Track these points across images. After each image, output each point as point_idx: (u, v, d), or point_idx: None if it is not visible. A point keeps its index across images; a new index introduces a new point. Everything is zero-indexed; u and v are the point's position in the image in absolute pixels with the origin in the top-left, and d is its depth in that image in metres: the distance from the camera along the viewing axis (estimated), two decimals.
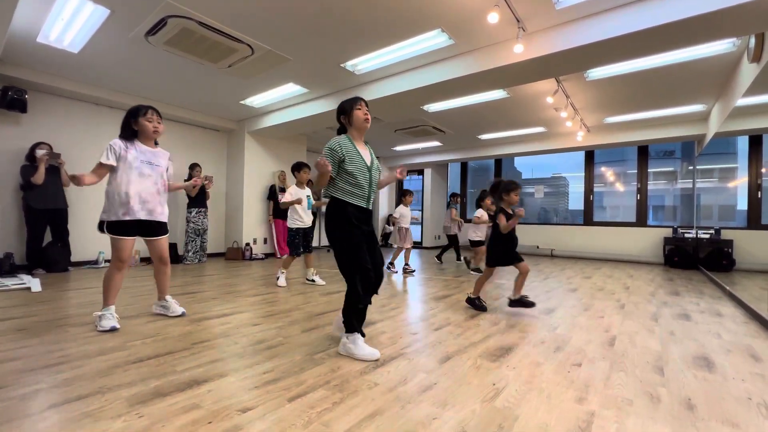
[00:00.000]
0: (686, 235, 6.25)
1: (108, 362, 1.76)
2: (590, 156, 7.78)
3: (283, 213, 3.99)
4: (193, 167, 5.67)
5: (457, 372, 1.73)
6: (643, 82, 4.43)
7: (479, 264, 5.18)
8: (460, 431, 1.24)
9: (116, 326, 2.24)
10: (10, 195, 4.47)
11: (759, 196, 5.21)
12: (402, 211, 5.06)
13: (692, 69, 4.01)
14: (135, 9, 3.08)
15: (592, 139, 6.71)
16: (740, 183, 5.49)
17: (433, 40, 3.53)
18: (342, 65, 4.11)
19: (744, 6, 2.44)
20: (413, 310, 2.93)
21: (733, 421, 1.34)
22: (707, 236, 5.81)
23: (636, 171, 7.23)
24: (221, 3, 2.98)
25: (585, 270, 5.64)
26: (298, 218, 3.87)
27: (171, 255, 5.46)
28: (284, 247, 6.59)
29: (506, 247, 2.85)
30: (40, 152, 4.24)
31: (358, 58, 3.95)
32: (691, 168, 7.08)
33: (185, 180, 5.58)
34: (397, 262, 5.44)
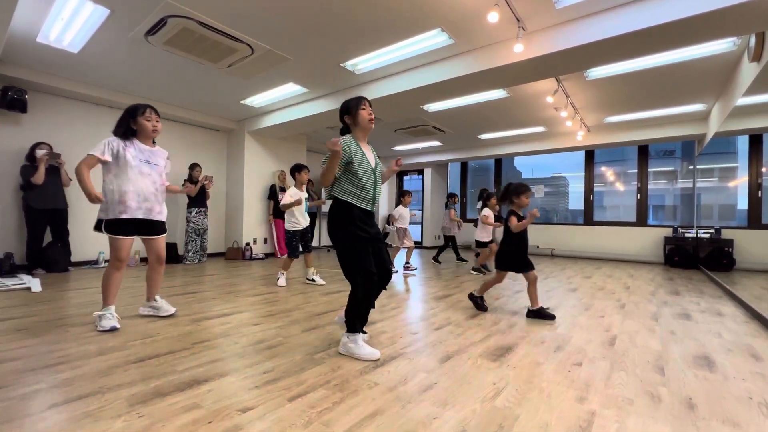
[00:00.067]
0: (686, 235, 6.25)
1: (108, 362, 1.76)
2: (590, 156, 7.78)
3: (283, 213, 3.99)
4: (193, 167, 5.67)
5: (458, 371, 1.73)
6: (643, 82, 4.43)
7: (487, 263, 5.14)
8: (461, 431, 1.24)
9: (116, 326, 2.24)
10: (10, 195, 4.47)
11: (759, 196, 5.20)
12: (401, 212, 5.06)
13: (692, 68, 4.01)
14: (135, 9, 3.08)
15: (592, 139, 6.71)
16: (740, 182, 5.49)
17: (433, 40, 3.53)
18: (342, 65, 4.10)
19: (744, 5, 2.44)
20: (413, 310, 2.93)
21: (734, 421, 1.34)
22: (707, 236, 5.80)
23: (636, 170, 7.22)
24: (221, 3, 2.98)
25: (585, 270, 5.64)
26: (295, 221, 3.88)
27: (171, 255, 5.49)
28: (284, 247, 6.59)
29: (518, 248, 2.77)
30: (40, 152, 4.25)
31: (358, 58, 3.95)
32: (692, 167, 7.08)
33: (185, 180, 5.60)
34: (396, 262, 5.44)
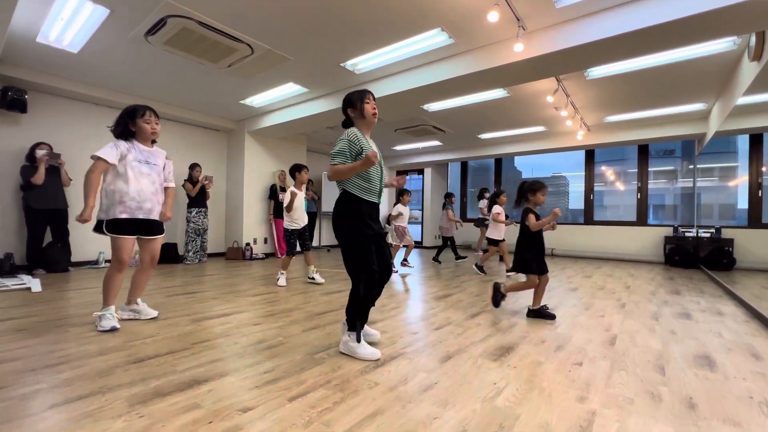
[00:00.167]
0: (687, 234, 6.25)
1: (108, 362, 1.76)
2: (590, 155, 7.77)
3: (283, 213, 4.01)
4: (193, 167, 5.67)
5: (458, 371, 1.73)
6: (644, 81, 4.43)
7: (485, 264, 5.05)
8: (461, 431, 1.24)
9: (116, 326, 2.25)
10: (10, 195, 4.47)
11: (759, 195, 5.20)
12: (400, 210, 5.07)
13: (692, 68, 4.00)
14: (135, 9, 3.07)
15: (593, 138, 6.71)
16: (741, 182, 5.49)
17: (433, 40, 3.52)
18: (342, 65, 4.10)
19: (744, 4, 2.43)
20: (413, 310, 2.93)
21: (735, 420, 1.34)
22: (708, 235, 5.80)
23: (636, 170, 7.22)
24: (221, 3, 2.98)
25: (585, 269, 5.63)
26: (294, 220, 3.88)
27: (171, 255, 5.50)
28: (284, 247, 6.59)
29: (534, 246, 2.69)
30: (40, 152, 4.24)
31: (358, 58, 3.95)
32: (692, 167, 7.07)
33: (185, 180, 5.60)
34: (396, 261, 5.43)
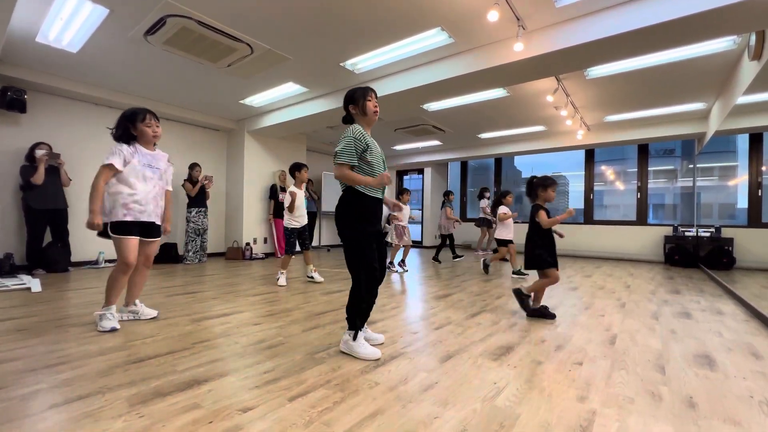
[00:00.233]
0: (686, 234, 6.25)
1: (108, 362, 1.76)
2: (590, 154, 7.77)
3: (283, 212, 4.02)
4: (193, 167, 5.67)
5: (458, 371, 1.73)
6: (644, 80, 4.42)
7: (492, 264, 4.91)
8: (461, 430, 1.24)
9: (116, 327, 2.25)
10: (10, 195, 4.46)
11: (759, 194, 5.20)
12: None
13: (692, 67, 4.00)
14: (134, 8, 3.07)
15: (592, 138, 6.71)
16: (740, 181, 5.49)
17: (433, 39, 3.52)
18: (342, 64, 4.10)
19: (744, 4, 2.43)
20: (413, 310, 2.93)
21: (735, 419, 1.34)
22: (707, 234, 5.80)
23: (636, 169, 7.22)
24: (220, 2, 2.97)
25: (585, 268, 5.63)
26: (294, 219, 3.89)
27: (171, 255, 5.50)
28: (284, 247, 6.59)
29: (546, 243, 2.65)
30: (40, 152, 4.24)
31: (358, 57, 3.94)
32: (692, 166, 7.07)
33: (185, 180, 5.60)
34: (395, 261, 5.43)
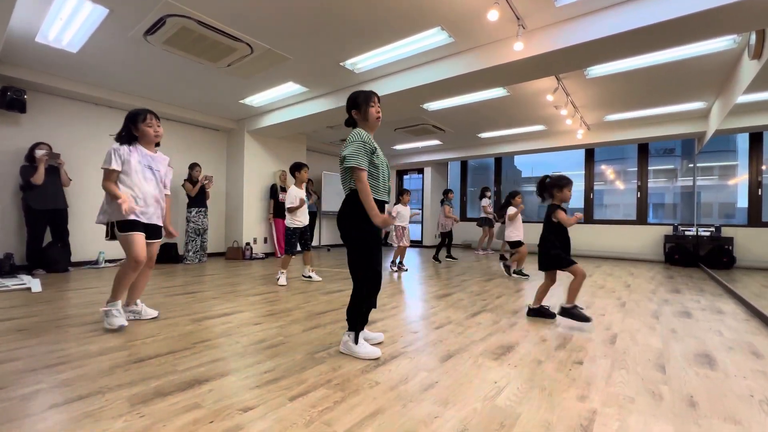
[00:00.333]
0: (686, 233, 6.25)
1: (109, 362, 1.76)
2: (590, 154, 7.77)
3: (283, 212, 4.03)
4: (193, 167, 5.67)
5: (459, 370, 1.73)
6: (644, 80, 4.42)
7: (522, 266, 4.76)
8: (462, 430, 1.24)
9: (124, 324, 2.24)
10: (10, 195, 4.46)
11: (759, 194, 5.20)
12: (399, 210, 5.06)
13: (693, 66, 4.00)
14: (134, 8, 3.07)
15: (592, 137, 6.71)
16: (740, 180, 5.49)
17: (433, 38, 3.52)
18: (341, 64, 4.10)
19: (744, 3, 2.43)
20: (414, 309, 2.93)
21: (735, 418, 1.34)
22: (708, 234, 5.80)
23: (636, 169, 7.21)
24: (220, 2, 2.97)
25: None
26: (296, 219, 3.89)
27: (171, 255, 5.50)
28: (284, 246, 6.59)
29: (563, 243, 2.59)
30: (40, 152, 4.24)
31: (358, 57, 3.94)
32: (692, 165, 7.07)
33: (185, 180, 5.60)
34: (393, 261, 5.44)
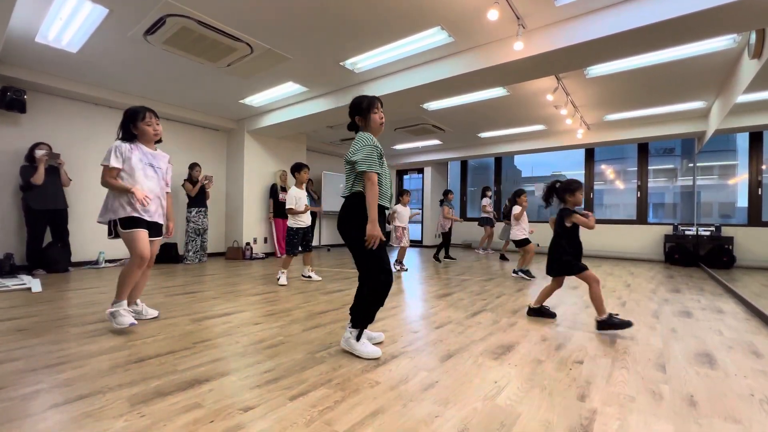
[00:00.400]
0: (687, 233, 6.25)
1: (109, 362, 1.76)
2: (590, 154, 7.76)
3: (283, 212, 4.03)
4: (193, 167, 5.67)
5: (459, 370, 1.73)
6: (644, 79, 4.42)
7: (529, 265, 4.64)
8: (462, 429, 1.24)
9: (134, 322, 2.22)
10: (10, 195, 4.46)
11: (759, 193, 5.20)
12: (399, 210, 5.06)
13: (692, 65, 4.00)
14: (134, 8, 3.07)
15: (592, 137, 6.71)
16: (740, 180, 5.49)
17: (433, 38, 3.52)
18: (341, 63, 4.09)
19: (744, 2, 2.43)
20: (414, 309, 2.93)
21: (736, 418, 1.34)
22: (708, 233, 5.80)
23: (636, 168, 7.21)
24: (220, 2, 2.97)
25: None
26: (299, 219, 3.90)
27: (171, 255, 5.50)
28: (284, 246, 6.58)
29: (576, 250, 2.55)
30: (40, 152, 4.24)
31: (358, 57, 3.94)
32: (692, 165, 7.08)
33: (185, 180, 5.60)
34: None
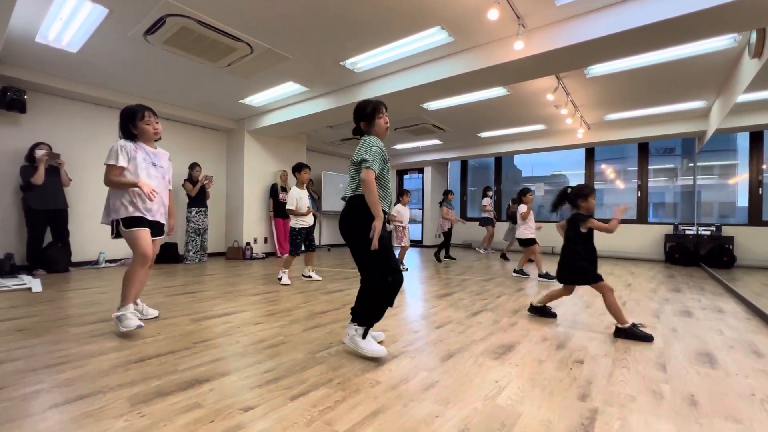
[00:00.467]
0: (687, 232, 6.25)
1: (109, 362, 1.76)
2: (590, 153, 7.76)
3: (284, 212, 4.03)
4: (193, 167, 5.67)
5: (459, 370, 1.73)
6: (644, 79, 4.42)
7: (540, 267, 4.47)
8: (463, 429, 1.24)
9: (141, 324, 2.20)
10: (10, 195, 4.46)
11: (760, 193, 5.21)
12: (399, 210, 5.06)
13: (693, 65, 3.99)
14: (134, 8, 3.07)
15: (593, 137, 6.70)
16: (741, 180, 5.49)
17: (433, 38, 3.52)
18: (341, 63, 4.09)
19: (745, 1, 2.43)
20: (414, 309, 2.93)
21: (736, 417, 1.34)
22: (708, 233, 5.80)
23: (636, 168, 7.21)
24: (220, 2, 2.97)
25: None
26: (302, 219, 3.90)
27: (171, 255, 5.50)
28: (285, 246, 6.59)
29: (591, 257, 2.55)
30: (40, 152, 4.24)
31: (358, 56, 3.94)
32: (692, 165, 7.07)
33: (185, 180, 5.60)
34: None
